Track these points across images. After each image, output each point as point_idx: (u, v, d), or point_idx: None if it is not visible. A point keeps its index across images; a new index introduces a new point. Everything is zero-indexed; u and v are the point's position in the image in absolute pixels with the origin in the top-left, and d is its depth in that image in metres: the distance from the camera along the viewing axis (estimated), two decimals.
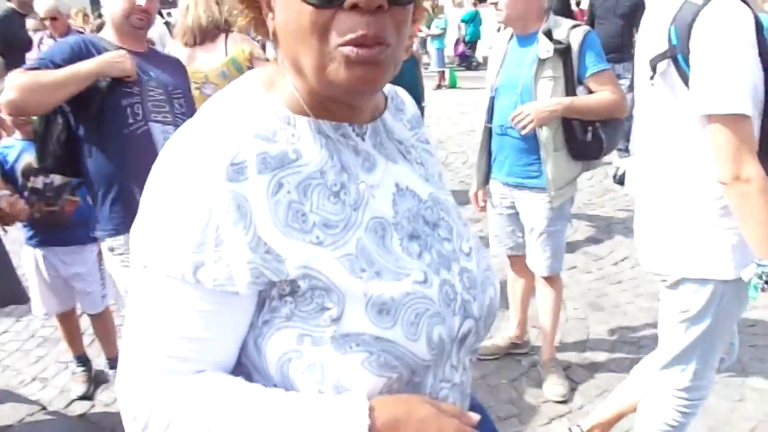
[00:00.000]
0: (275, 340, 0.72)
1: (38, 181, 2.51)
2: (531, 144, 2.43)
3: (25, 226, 2.63)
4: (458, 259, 0.81)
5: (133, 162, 1.91)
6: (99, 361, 3.00)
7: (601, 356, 2.91)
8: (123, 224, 1.97)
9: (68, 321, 2.89)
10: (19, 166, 2.54)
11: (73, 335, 2.92)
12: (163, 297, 0.69)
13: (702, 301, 1.62)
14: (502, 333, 2.94)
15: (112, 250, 2.04)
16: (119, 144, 1.93)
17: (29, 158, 2.45)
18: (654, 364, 1.83)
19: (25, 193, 2.51)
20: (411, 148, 0.87)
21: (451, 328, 0.75)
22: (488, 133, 2.61)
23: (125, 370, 0.73)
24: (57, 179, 2.48)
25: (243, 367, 0.75)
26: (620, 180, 5.33)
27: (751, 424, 2.41)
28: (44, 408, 2.75)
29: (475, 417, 0.72)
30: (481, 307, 0.81)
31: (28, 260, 2.69)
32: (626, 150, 5.62)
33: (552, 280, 2.65)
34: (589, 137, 2.42)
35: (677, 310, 1.68)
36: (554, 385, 2.63)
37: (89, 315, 2.83)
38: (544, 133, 2.38)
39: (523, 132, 2.37)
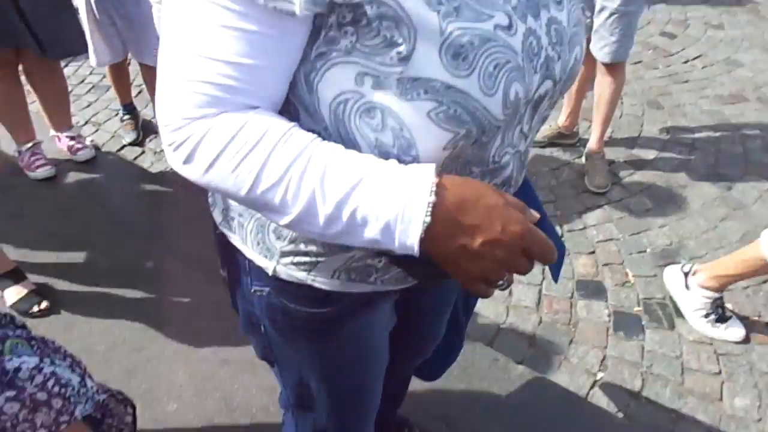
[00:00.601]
0: (330, 76, 0.64)
1: None
2: None
3: None
4: (548, 6, 0.69)
5: None
6: (147, 111, 3.06)
7: (649, 154, 2.83)
8: None
9: (119, 71, 2.89)
10: None
11: (122, 85, 2.95)
12: (203, 12, 0.60)
13: None
14: (551, 121, 2.83)
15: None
16: None
17: None
18: None
19: None
20: None
21: (529, 87, 0.66)
22: None
23: (165, 96, 0.64)
24: None
25: (290, 106, 0.68)
26: None
27: None
28: (99, 149, 2.89)
29: (536, 215, 0.65)
30: (564, 69, 0.72)
31: (81, 6, 2.60)
32: None
33: (614, 68, 2.48)
34: None
35: None
36: (595, 177, 2.61)
37: (140, 64, 2.81)
38: None
39: None
